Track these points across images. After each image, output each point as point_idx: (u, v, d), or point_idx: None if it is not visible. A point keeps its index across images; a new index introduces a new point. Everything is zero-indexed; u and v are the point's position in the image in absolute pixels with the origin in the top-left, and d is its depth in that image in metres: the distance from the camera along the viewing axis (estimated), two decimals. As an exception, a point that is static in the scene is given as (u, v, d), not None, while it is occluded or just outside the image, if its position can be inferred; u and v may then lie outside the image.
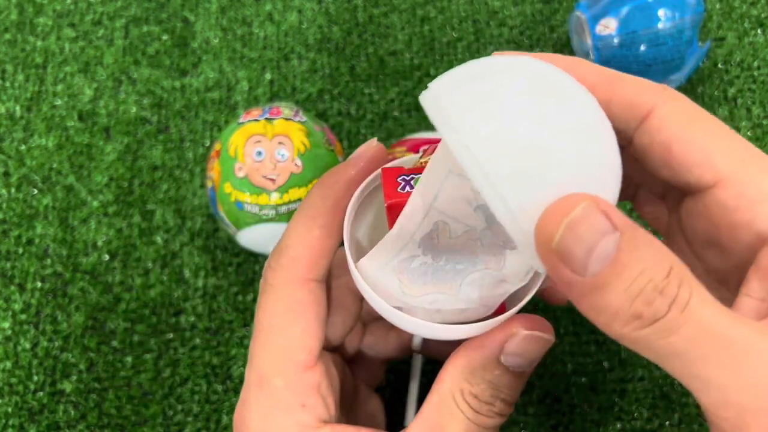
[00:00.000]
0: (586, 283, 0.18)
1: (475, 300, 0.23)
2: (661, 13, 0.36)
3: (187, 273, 0.40)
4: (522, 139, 0.18)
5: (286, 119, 0.35)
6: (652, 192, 0.26)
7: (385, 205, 0.23)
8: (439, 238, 0.22)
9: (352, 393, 0.30)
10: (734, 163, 0.21)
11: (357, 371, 0.31)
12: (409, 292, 0.23)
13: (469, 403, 0.23)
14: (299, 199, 0.34)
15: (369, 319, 0.31)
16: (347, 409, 0.29)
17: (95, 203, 0.41)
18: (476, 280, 0.23)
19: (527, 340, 0.23)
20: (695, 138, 0.22)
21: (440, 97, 0.19)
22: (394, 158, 0.34)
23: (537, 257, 0.19)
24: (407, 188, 0.23)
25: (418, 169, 0.23)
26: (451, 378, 0.23)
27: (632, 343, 0.19)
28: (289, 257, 0.24)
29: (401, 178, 0.23)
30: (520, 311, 0.23)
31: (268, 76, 0.44)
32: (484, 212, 0.22)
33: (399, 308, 0.23)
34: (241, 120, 0.36)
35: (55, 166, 0.42)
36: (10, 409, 0.37)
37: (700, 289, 0.18)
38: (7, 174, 0.42)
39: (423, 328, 0.23)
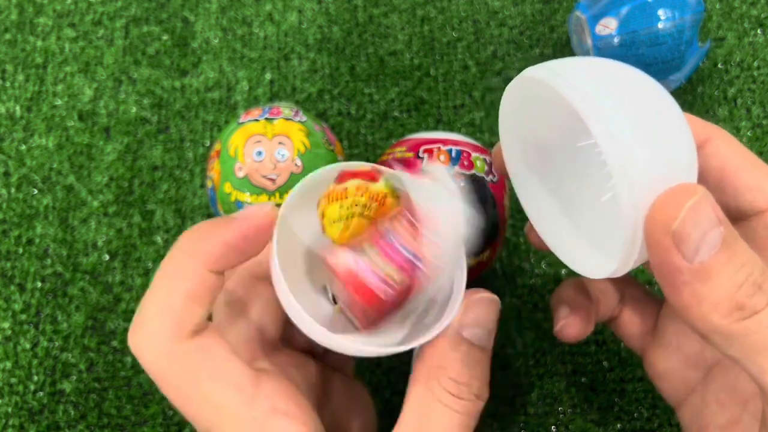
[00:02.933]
0: (692, 269, 0.19)
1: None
2: (661, 12, 0.36)
3: (187, 273, 0.40)
4: (648, 130, 0.20)
5: (286, 119, 0.35)
6: None
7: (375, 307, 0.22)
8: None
9: (325, 382, 0.29)
10: None
11: (327, 359, 0.30)
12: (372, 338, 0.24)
13: (448, 389, 0.23)
14: (299, 199, 0.34)
15: None
16: (324, 400, 0.28)
17: (95, 203, 0.41)
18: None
19: (479, 304, 0.24)
20: (747, 167, 0.24)
21: (577, 81, 0.20)
22: (394, 157, 0.34)
23: (636, 243, 0.20)
24: (374, 273, 0.22)
25: (364, 239, 0.22)
26: (425, 369, 0.23)
27: (725, 337, 0.19)
28: (150, 332, 0.22)
29: (376, 281, 0.22)
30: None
31: (268, 76, 0.44)
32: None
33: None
34: (241, 120, 0.36)
35: (55, 166, 0.42)
36: (10, 409, 0.37)
37: None
38: (7, 174, 0.42)
39: (384, 352, 0.23)
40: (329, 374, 0.29)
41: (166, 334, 0.22)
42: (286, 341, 0.28)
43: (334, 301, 0.26)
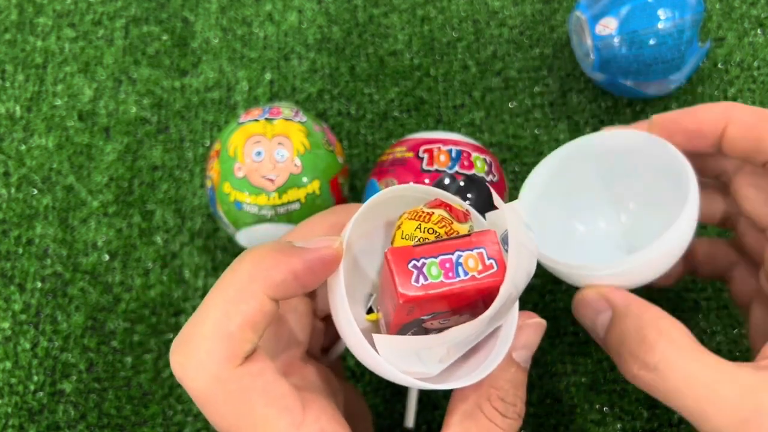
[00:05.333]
0: (605, 343, 0.27)
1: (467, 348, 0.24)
2: (661, 12, 0.36)
3: (187, 273, 0.40)
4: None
5: (286, 119, 0.35)
6: (756, 224, 0.30)
7: (399, 301, 0.21)
8: (502, 308, 0.22)
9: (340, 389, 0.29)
10: None
11: (336, 368, 0.30)
12: (446, 360, 0.23)
13: (497, 408, 0.24)
14: (298, 200, 0.34)
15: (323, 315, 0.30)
16: (345, 414, 0.28)
17: (95, 203, 0.41)
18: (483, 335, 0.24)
19: (533, 329, 0.25)
20: None
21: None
22: (394, 157, 0.34)
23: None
24: (420, 279, 0.21)
25: (430, 248, 0.22)
26: (476, 386, 0.24)
27: (641, 385, 0.25)
28: (201, 354, 0.21)
29: (412, 264, 0.21)
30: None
31: (268, 76, 0.44)
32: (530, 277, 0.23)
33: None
34: (241, 120, 0.36)
35: (55, 166, 0.42)
36: (10, 409, 0.37)
37: (679, 337, 0.25)
38: (7, 174, 0.42)
39: (455, 385, 0.23)
40: (343, 384, 0.29)
41: (219, 358, 0.21)
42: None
43: (368, 311, 0.26)
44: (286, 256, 0.22)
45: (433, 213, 0.23)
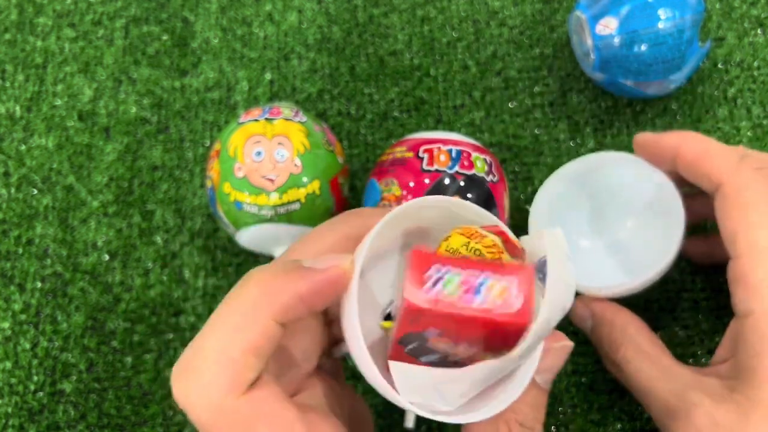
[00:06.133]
0: (593, 343, 0.33)
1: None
2: (661, 12, 0.36)
3: (187, 273, 0.40)
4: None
5: (286, 119, 0.35)
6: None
7: (403, 305, 0.20)
8: (532, 344, 0.21)
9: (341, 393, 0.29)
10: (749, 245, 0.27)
11: (336, 371, 0.30)
12: (468, 395, 0.23)
13: None
14: (298, 200, 0.34)
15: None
16: (352, 427, 0.28)
17: (95, 203, 0.41)
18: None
19: (558, 352, 0.25)
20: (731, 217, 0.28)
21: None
22: (394, 157, 0.34)
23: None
24: (434, 290, 0.19)
25: (459, 261, 0.20)
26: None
27: (616, 378, 0.31)
28: (204, 383, 0.21)
29: (432, 271, 0.20)
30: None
31: (268, 76, 0.44)
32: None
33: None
34: (241, 120, 0.36)
35: (55, 166, 0.42)
36: (10, 409, 0.37)
37: (638, 339, 0.30)
38: (7, 174, 0.42)
39: (479, 417, 0.22)
40: (343, 388, 0.29)
41: (223, 387, 0.21)
42: None
43: (386, 318, 0.25)
44: (293, 279, 0.21)
45: (487, 236, 0.21)
